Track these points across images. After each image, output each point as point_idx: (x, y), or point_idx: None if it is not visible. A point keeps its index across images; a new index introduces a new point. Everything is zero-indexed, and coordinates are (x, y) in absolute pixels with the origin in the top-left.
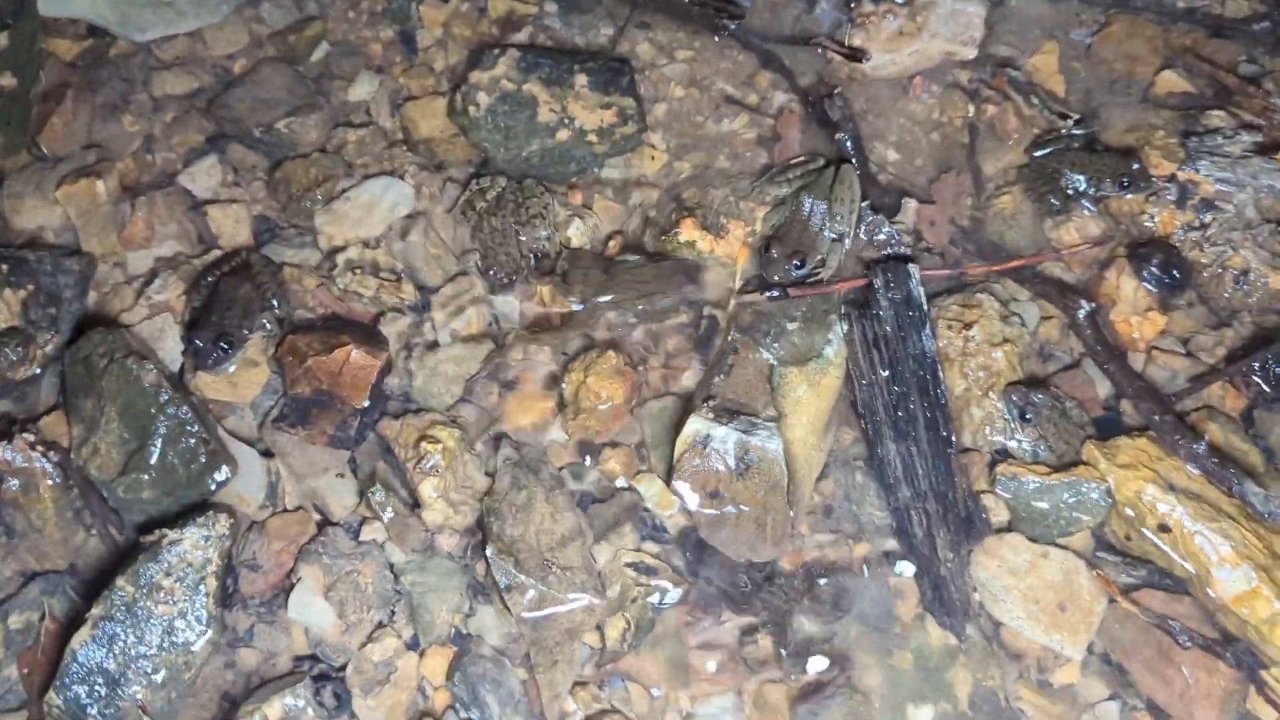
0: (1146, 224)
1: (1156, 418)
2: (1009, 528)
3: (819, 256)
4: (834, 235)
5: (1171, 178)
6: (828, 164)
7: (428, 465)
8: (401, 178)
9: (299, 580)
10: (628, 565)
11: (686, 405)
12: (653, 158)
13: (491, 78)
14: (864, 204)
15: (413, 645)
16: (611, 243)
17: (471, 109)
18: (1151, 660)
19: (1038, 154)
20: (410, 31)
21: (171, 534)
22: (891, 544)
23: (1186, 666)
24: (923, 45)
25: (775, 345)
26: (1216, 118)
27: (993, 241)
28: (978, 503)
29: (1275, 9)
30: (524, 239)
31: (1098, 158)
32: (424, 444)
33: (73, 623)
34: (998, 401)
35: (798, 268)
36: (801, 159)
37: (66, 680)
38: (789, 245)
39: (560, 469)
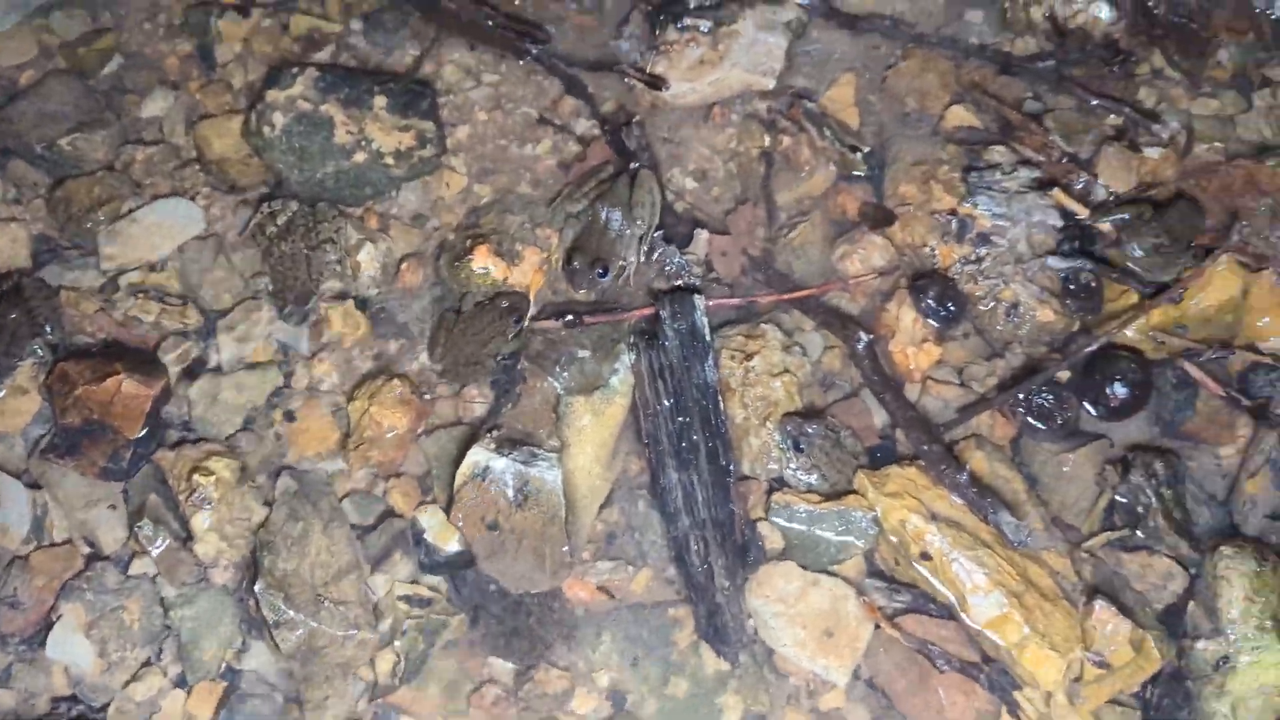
0: (928, 256)
1: (925, 447)
2: (783, 555)
3: (620, 263)
4: (637, 234)
5: (952, 211)
6: (621, 172)
7: (200, 497)
8: (192, 199)
9: (59, 618)
10: (402, 598)
11: (474, 435)
12: (449, 183)
13: (288, 97)
14: (657, 233)
15: (180, 683)
16: (404, 266)
17: (266, 129)
18: (913, 684)
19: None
20: (208, 46)
21: None
22: (671, 571)
23: (944, 690)
24: (723, 74)
25: (564, 374)
26: (998, 153)
27: (782, 272)
28: (754, 531)
29: (1059, 47)
30: (314, 264)
31: None
32: (196, 476)
33: None
34: (774, 431)
35: (601, 275)
36: (595, 169)
37: None
38: (590, 254)
39: (342, 499)
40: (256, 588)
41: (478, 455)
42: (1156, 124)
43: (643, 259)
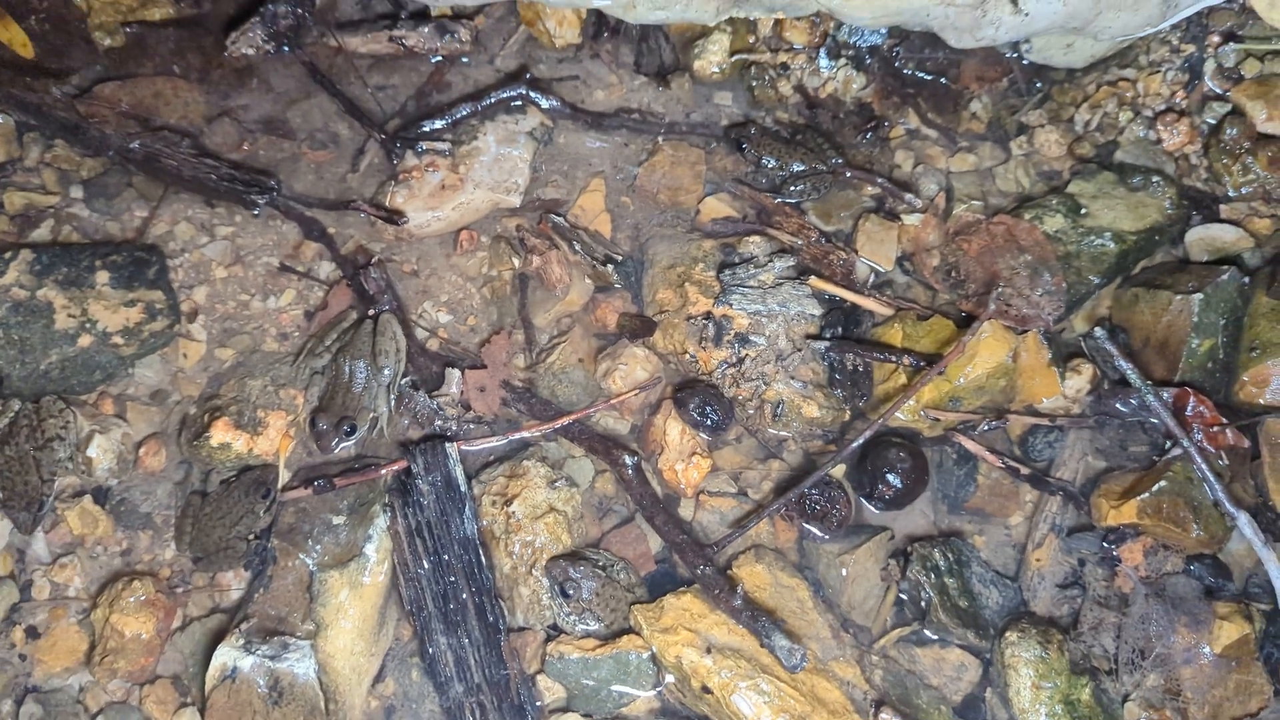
0: (689, 362)
1: (699, 570)
2: (568, 707)
3: (370, 415)
4: (384, 382)
5: (708, 314)
6: (363, 319)
7: None
8: None
9: None
10: None
11: (226, 628)
12: (187, 353)
13: (1, 286)
14: (405, 380)
15: None
16: (143, 450)
17: None
18: None
19: None
20: None
21: None
22: None
23: None
24: (467, 197)
25: (317, 547)
26: (754, 244)
27: (545, 399)
28: (532, 688)
29: (811, 123)
30: (44, 465)
31: None
32: None
33: None
34: (542, 578)
35: (348, 434)
36: (336, 318)
37: None
38: (335, 413)
39: (95, 717)
40: None
41: (225, 655)
42: (910, 192)
43: (393, 408)
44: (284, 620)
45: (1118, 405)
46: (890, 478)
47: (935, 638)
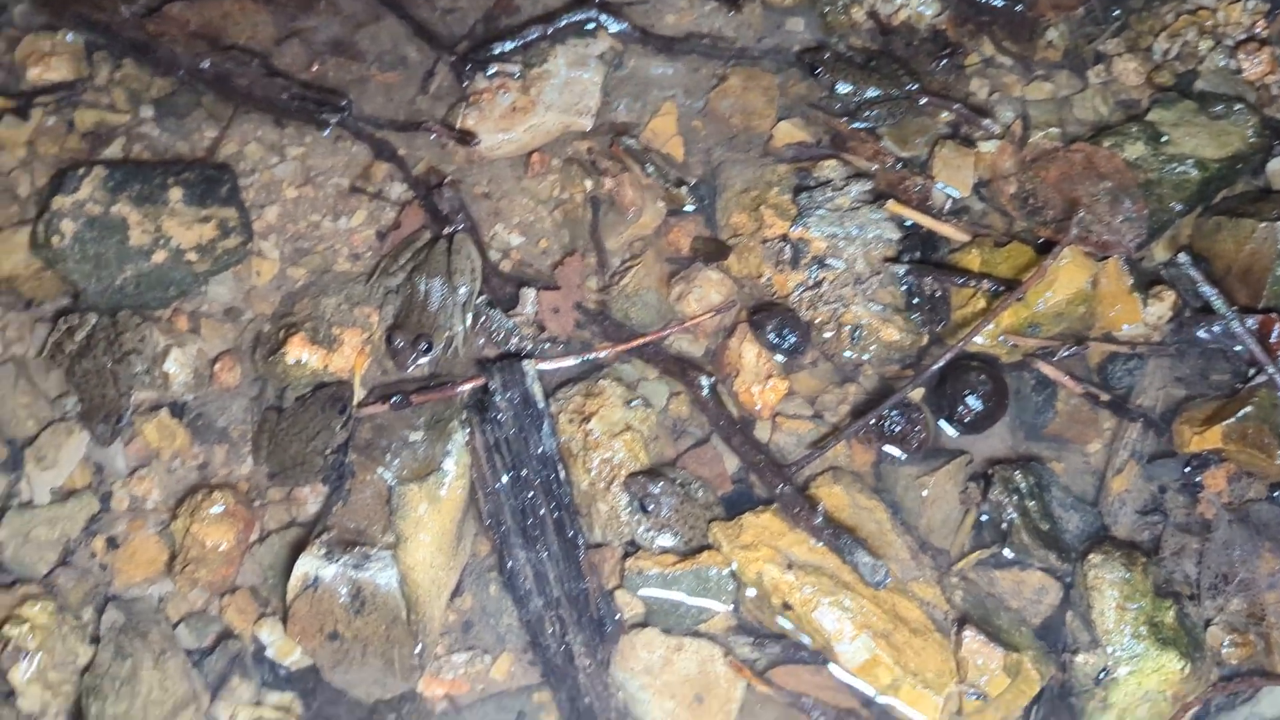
0: (765, 286)
1: (778, 490)
2: (645, 622)
3: (446, 334)
4: (460, 301)
5: (784, 237)
6: (437, 239)
7: (14, 649)
8: None
9: None
10: None
11: (306, 539)
12: (260, 270)
13: (76, 202)
14: (480, 299)
15: None
16: (218, 365)
17: (56, 239)
18: None
19: None
20: None
21: None
22: (530, 655)
23: None
24: (538, 119)
25: (395, 462)
26: (829, 168)
27: (618, 321)
28: (610, 603)
29: (885, 49)
30: (121, 378)
31: None
32: (9, 626)
33: None
34: (621, 494)
35: (425, 351)
36: (410, 238)
37: None
38: (411, 331)
39: (177, 624)
40: None
41: (306, 565)
42: (987, 118)
43: (469, 328)
44: (363, 532)
45: (1199, 333)
46: (971, 400)
47: (1015, 561)
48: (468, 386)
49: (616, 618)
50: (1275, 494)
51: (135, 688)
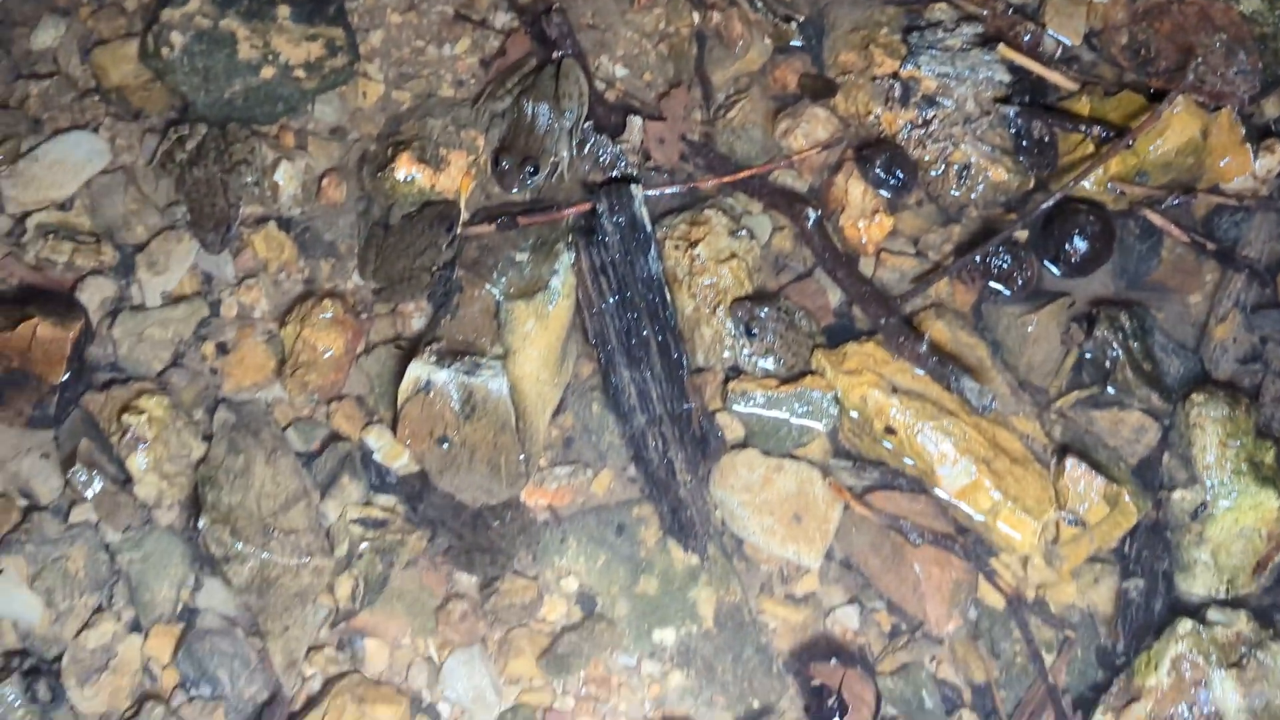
0: (873, 124)
1: (882, 321)
2: (744, 443)
3: (551, 159)
4: (566, 127)
5: (894, 75)
6: (544, 65)
7: (133, 438)
8: (95, 131)
9: (0, 572)
10: (355, 521)
11: (414, 350)
12: (366, 92)
13: (184, 15)
14: (588, 124)
15: (135, 627)
16: (325, 181)
17: (165, 51)
18: (887, 560)
19: None
20: None
21: None
22: (633, 470)
23: (919, 563)
24: None
25: (502, 279)
26: (939, 10)
27: (723, 154)
28: (713, 422)
29: None
30: (231, 188)
31: None
32: (127, 415)
33: None
34: (725, 319)
35: (531, 174)
36: (516, 64)
37: None
38: (518, 153)
39: (285, 428)
40: (200, 524)
41: (419, 370)
42: None
43: (575, 153)
44: (472, 344)
45: None
46: (1078, 242)
47: (1115, 400)
48: (575, 210)
49: (719, 436)
50: None
51: (249, 481)
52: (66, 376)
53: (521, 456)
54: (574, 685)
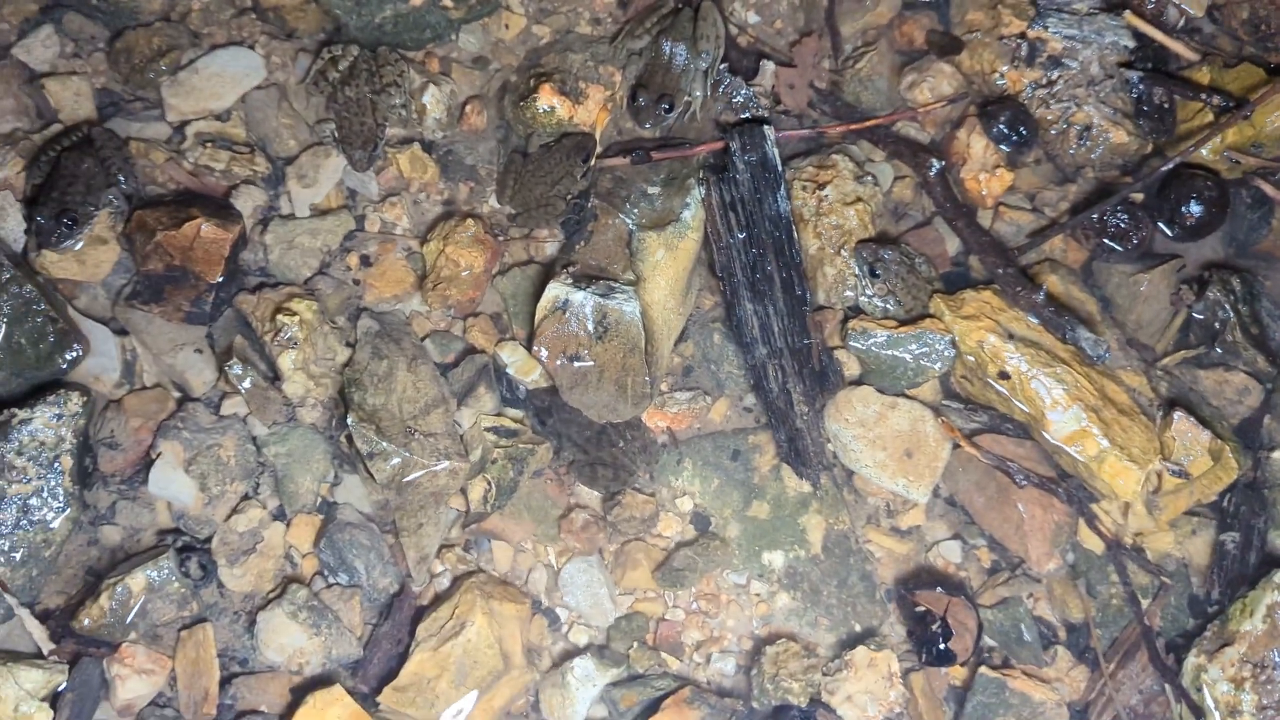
0: (997, 82)
1: (1000, 271)
2: (860, 380)
3: (686, 98)
4: (702, 67)
5: (1021, 35)
6: (682, 7)
7: (285, 337)
8: (251, 47)
9: (158, 455)
10: (488, 429)
11: (547, 274)
12: (508, 25)
13: None
14: (723, 66)
15: (278, 515)
16: (468, 108)
17: None
18: (991, 499)
19: None
20: None
21: (20, 413)
22: (751, 399)
23: (1023, 503)
24: None
25: (635, 210)
26: None
27: (849, 103)
28: (831, 358)
29: None
30: (379, 108)
31: None
32: (280, 316)
33: None
34: (849, 259)
35: (667, 110)
36: (655, 5)
37: None
38: (654, 90)
39: (423, 339)
40: (349, 420)
41: (556, 290)
42: None
43: (708, 93)
44: (604, 270)
45: None
46: (1194, 206)
47: (1220, 361)
48: (708, 148)
49: (837, 371)
50: None
51: (391, 385)
52: (222, 277)
53: (647, 378)
54: (685, 599)
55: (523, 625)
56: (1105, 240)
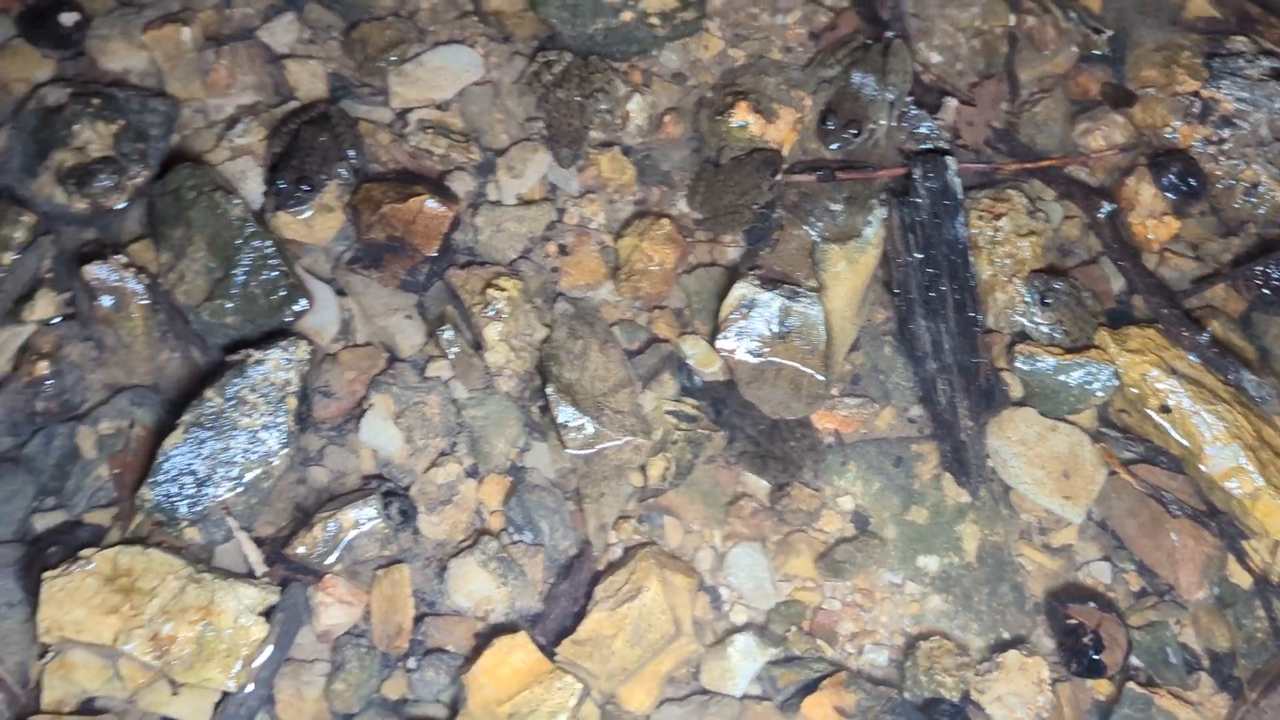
0: (1168, 135)
1: (1164, 311)
2: (1023, 402)
3: (872, 125)
4: (889, 99)
5: (1195, 94)
6: (873, 42)
7: (493, 310)
8: (471, 46)
9: (371, 406)
10: (669, 413)
11: (730, 275)
12: (707, 45)
13: None
14: (909, 99)
15: (472, 473)
16: (666, 119)
17: None
18: (1144, 526)
19: None
20: None
21: (257, 353)
22: (916, 410)
23: (1176, 533)
24: None
25: (819, 223)
26: (1239, 43)
27: (1024, 143)
28: (998, 377)
29: None
30: (587, 112)
31: None
32: (490, 290)
33: (159, 432)
34: (1020, 287)
35: (854, 135)
36: (846, 38)
37: (159, 478)
38: (844, 115)
39: (611, 326)
40: (548, 390)
41: (744, 289)
42: None
43: (893, 123)
44: (787, 276)
45: None
46: None
47: None
48: (890, 173)
49: (1003, 391)
50: None
51: (584, 363)
52: (437, 251)
53: (822, 380)
54: (843, 591)
55: (692, 597)
56: (1265, 292)
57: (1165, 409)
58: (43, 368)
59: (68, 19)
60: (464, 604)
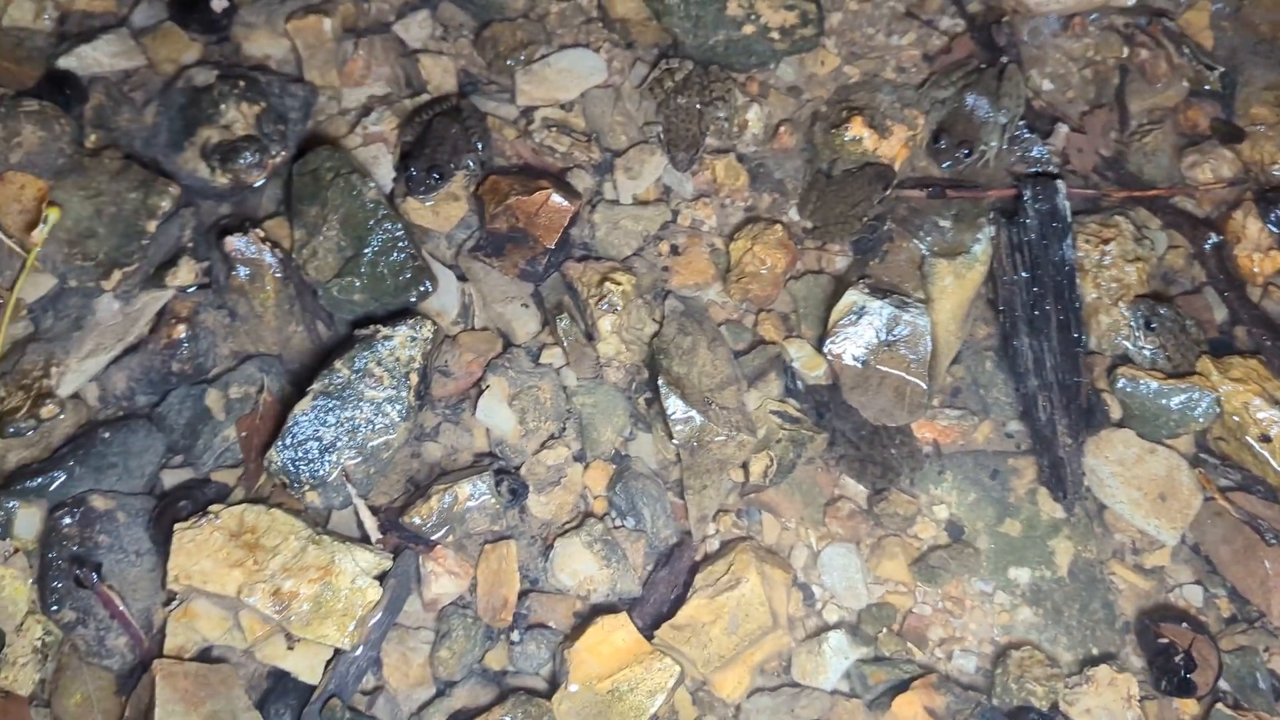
0: (1275, 172)
1: (1268, 343)
2: (1122, 423)
3: (983, 146)
4: (1001, 121)
5: None
6: (989, 65)
7: (608, 303)
8: (595, 51)
9: (488, 387)
10: (774, 412)
11: (837, 283)
12: (823, 61)
13: None
14: (1021, 123)
15: (579, 457)
16: (780, 129)
17: None
18: (1238, 553)
19: None
20: None
21: (385, 330)
22: (1014, 425)
23: (1270, 561)
24: None
25: (928, 238)
26: None
27: (1132, 172)
28: (1099, 398)
29: None
30: (705, 118)
31: None
32: (606, 284)
33: (284, 399)
34: (1125, 311)
35: (965, 155)
36: (960, 62)
37: (286, 442)
38: (956, 135)
39: (719, 325)
40: (659, 382)
41: (854, 296)
42: None
43: (1004, 145)
44: (895, 287)
45: None
46: None
47: None
48: (1000, 193)
49: (1104, 411)
50: None
51: (693, 359)
52: (556, 244)
53: (925, 389)
54: (934, 597)
55: (787, 592)
56: None
57: (1266, 438)
58: (180, 331)
59: (218, 5)
60: (567, 582)
